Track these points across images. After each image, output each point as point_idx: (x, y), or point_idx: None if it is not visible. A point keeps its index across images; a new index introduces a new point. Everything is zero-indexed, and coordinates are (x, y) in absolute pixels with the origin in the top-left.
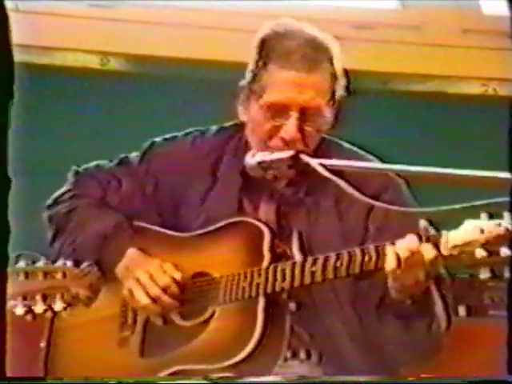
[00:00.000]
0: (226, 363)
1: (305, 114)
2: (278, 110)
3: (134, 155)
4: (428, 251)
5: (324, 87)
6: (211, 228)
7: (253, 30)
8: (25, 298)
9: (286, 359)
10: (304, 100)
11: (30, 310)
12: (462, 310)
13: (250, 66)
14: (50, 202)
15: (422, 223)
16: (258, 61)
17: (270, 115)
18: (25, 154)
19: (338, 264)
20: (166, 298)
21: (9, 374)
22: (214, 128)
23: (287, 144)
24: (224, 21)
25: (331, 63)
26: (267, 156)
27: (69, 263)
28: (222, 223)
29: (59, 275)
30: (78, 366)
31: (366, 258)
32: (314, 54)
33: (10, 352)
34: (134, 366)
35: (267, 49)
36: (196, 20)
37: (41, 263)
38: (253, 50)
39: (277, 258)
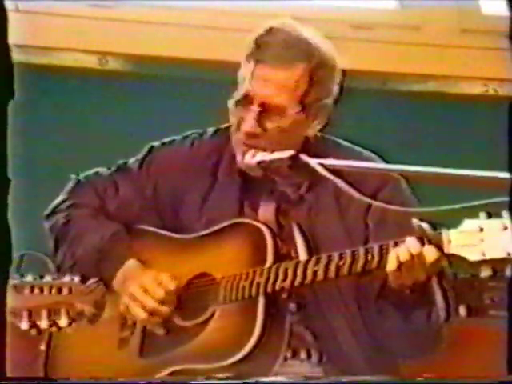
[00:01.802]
0: (226, 363)
1: (267, 110)
2: (244, 103)
3: (133, 161)
4: (430, 254)
5: (291, 86)
6: (212, 229)
7: (253, 30)
8: (30, 313)
9: (286, 359)
10: (265, 95)
11: (34, 325)
12: (462, 310)
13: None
14: (48, 211)
15: (415, 223)
16: (247, 58)
17: (238, 109)
18: (24, 154)
19: (341, 263)
20: (162, 308)
21: (9, 374)
22: (211, 130)
23: (247, 137)
24: (224, 21)
25: (312, 67)
26: (267, 156)
27: (76, 278)
28: (223, 225)
29: (65, 291)
30: (78, 367)
31: (369, 258)
32: (289, 53)
33: (11, 353)
34: (134, 366)
35: (255, 46)
36: (196, 20)
37: (47, 278)
38: (246, 48)
39: (281, 259)
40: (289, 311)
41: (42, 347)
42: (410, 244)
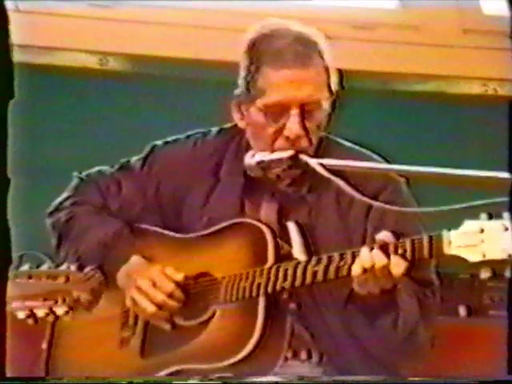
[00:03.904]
0: (226, 363)
1: (305, 111)
2: (279, 111)
3: (136, 159)
4: (397, 266)
5: (320, 81)
6: (213, 229)
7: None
8: (26, 302)
9: (286, 359)
10: (303, 96)
11: (31, 314)
12: (462, 310)
13: (242, 73)
14: (51, 208)
15: (378, 236)
16: (250, 66)
17: (272, 118)
18: (24, 154)
19: (342, 264)
20: (171, 303)
21: (9, 374)
22: (214, 130)
23: (292, 142)
24: (224, 21)
25: (321, 57)
26: (266, 156)
27: (73, 267)
28: (224, 224)
29: (62, 279)
30: (79, 366)
31: None
32: (305, 49)
33: (11, 353)
34: (135, 366)
35: (257, 52)
36: (196, 20)
37: (44, 267)
38: (242, 55)
39: (281, 259)
40: (289, 311)
41: (44, 346)
42: (374, 256)
